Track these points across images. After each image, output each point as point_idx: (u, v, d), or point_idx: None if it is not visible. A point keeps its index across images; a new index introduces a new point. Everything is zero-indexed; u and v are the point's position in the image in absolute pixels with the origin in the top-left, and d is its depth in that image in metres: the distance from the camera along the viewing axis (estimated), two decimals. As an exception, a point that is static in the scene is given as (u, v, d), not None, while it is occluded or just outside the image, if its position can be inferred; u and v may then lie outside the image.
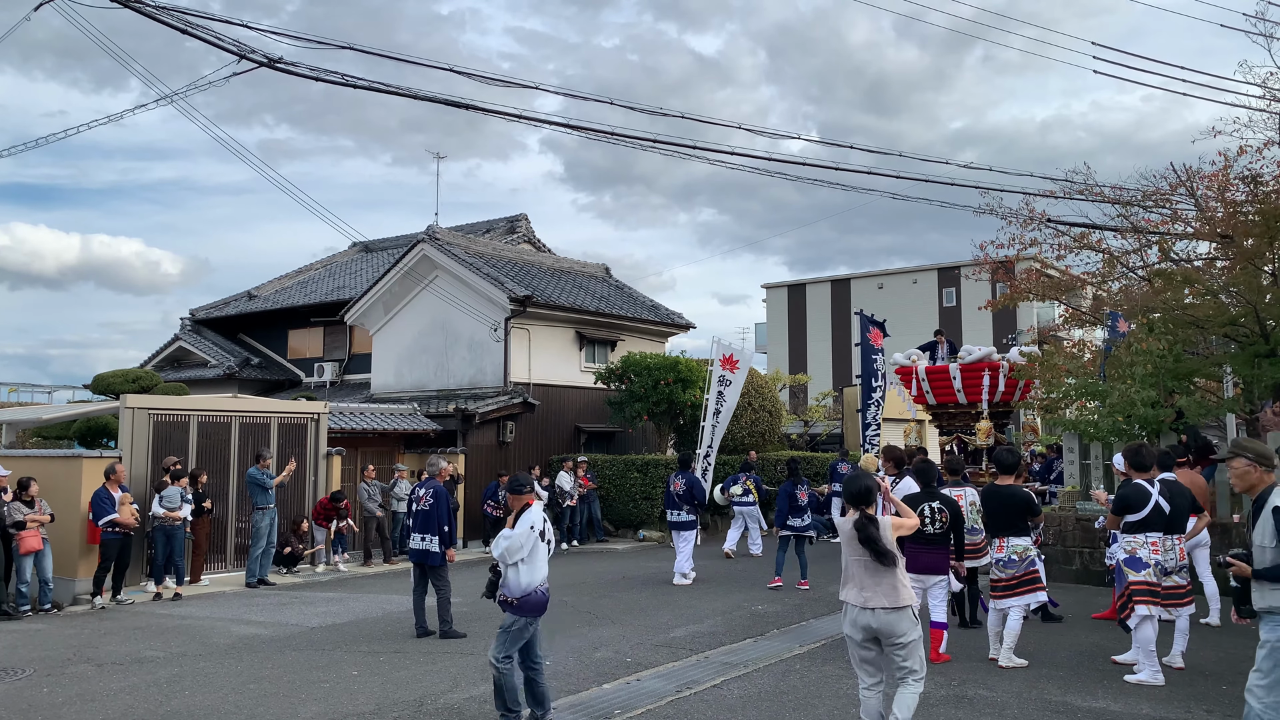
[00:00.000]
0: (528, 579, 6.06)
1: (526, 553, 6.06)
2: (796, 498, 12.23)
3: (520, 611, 6.06)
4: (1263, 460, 4.97)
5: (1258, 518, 4.88)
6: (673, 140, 11.93)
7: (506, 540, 6.07)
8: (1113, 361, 13.06)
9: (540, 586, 6.10)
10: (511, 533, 6.08)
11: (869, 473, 5.64)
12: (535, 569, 6.09)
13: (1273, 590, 4.76)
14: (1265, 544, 4.80)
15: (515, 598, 6.06)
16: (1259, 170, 13.48)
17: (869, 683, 5.29)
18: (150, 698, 7.08)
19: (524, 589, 6.05)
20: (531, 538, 6.10)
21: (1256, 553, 4.86)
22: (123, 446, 13.06)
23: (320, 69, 9.98)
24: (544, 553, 6.18)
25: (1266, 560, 4.79)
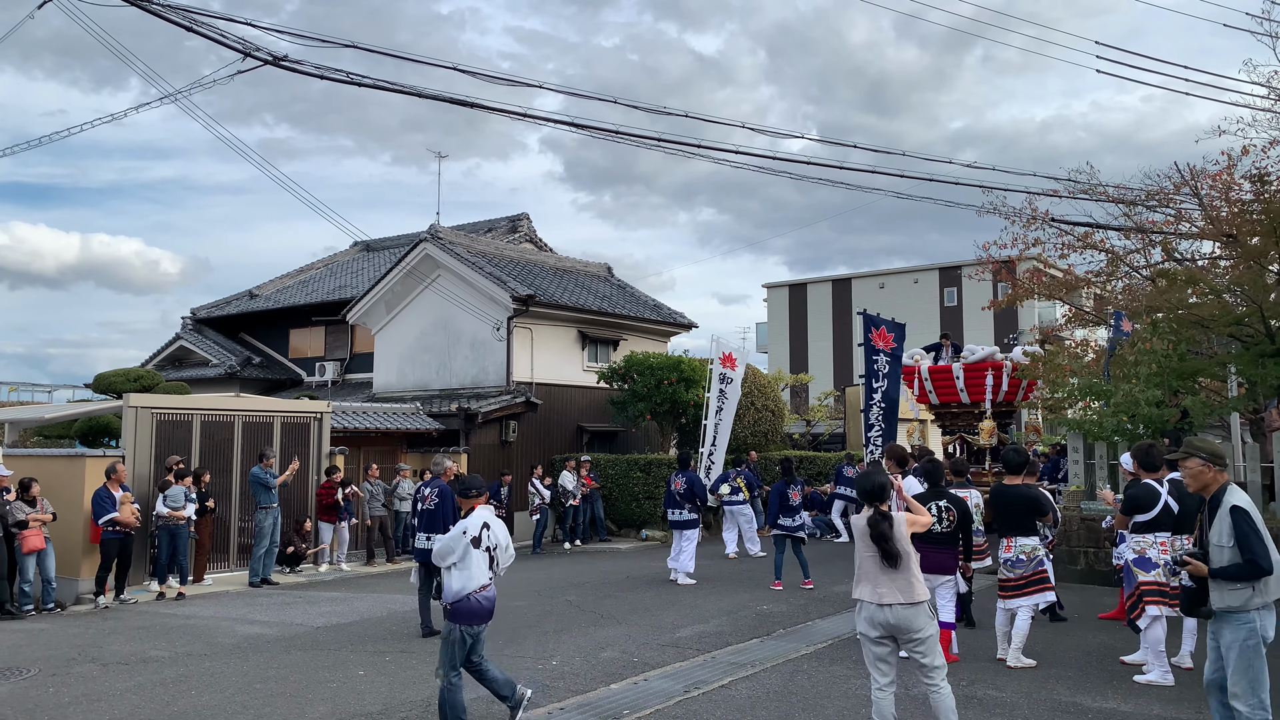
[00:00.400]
0: (459, 584, 5.83)
1: (457, 557, 5.83)
2: (789, 497, 12.07)
3: (455, 619, 5.84)
4: (1216, 460, 4.98)
5: (1214, 517, 4.88)
6: (677, 139, 11.91)
7: (437, 544, 5.93)
8: (1117, 361, 13.04)
9: (475, 593, 5.84)
10: (443, 536, 5.93)
11: (883, 470, 5.61)
12: (468, 575, 5.85)
13: (1231, 590, 4.75)
14: (1223, 543, 4.78)
15: (448, 603, 5.86)
16: (1265, 169, 13.45)
17: (882, 683, 5.28)
18: (157, 698, 7.05)
19: (455, 594, 5.83)
20: (462, 542, 5.86)
21: (1214, 552, 4.83)
22: (126, 445, 13.03)
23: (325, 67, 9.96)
24: (479, 559, 5.90)
25: (1224, 559, 4.76)
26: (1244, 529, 4.73)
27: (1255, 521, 4.75)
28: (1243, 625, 4.75)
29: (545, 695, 6.97)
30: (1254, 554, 4.68)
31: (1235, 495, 4.88)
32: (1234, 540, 4.73)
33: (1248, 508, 4.79)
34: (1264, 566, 4.68)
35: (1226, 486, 4.94)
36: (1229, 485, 4.95)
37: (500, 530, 6.14)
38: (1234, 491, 4.91)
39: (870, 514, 5.29)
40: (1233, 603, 4.76)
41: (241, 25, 9.79)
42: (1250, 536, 4.72)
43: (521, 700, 6.26)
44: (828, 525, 18.28)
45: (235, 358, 24.77)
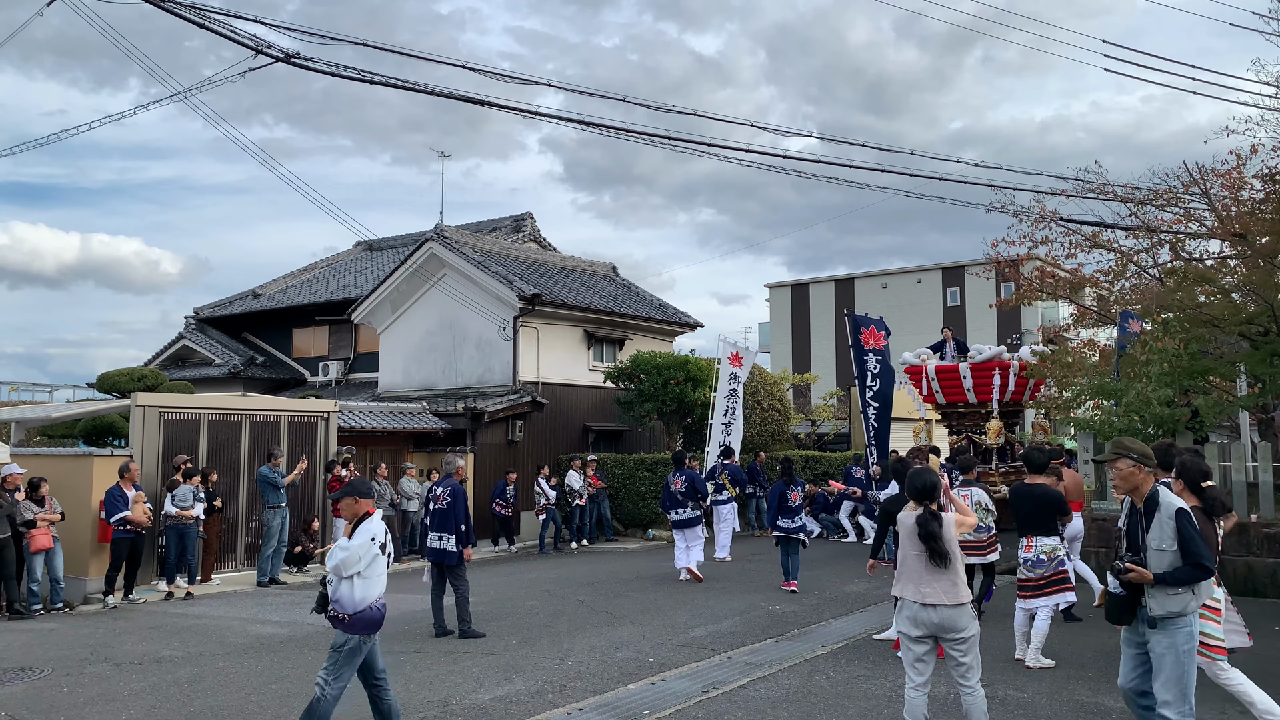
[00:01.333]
0: (363, 594, 5.58)
1: (364, 566, 5.60)
2: (788, 498, 11.81)
3: (353, 629, 5.60)
4: (1145, 461, 4.86)
5: (1150, 520, 4.77)
6: (683, 137, 11.87)
7: (344, 552, 5.61)
8: (1127, 360, 13.01)
9: (376, 602, 5.67)
10: (349, 543, 5.62)
11: (933, 469, 5.58)
12: (372, 584, 5.64)
13: (1174, 595, 4.65)
14: (1164, 546, 4.68)
15: (348, 614, 5.58)
16: (1276, 168, 13.42)
17: (918, 681, 5.24)
18: (173, 698, 7.01)
19: (358, 605, 5.58)
20: (371, 550, 5.65)
21: (1154, 556, 4.71)
22: (133, 445, 12.99)
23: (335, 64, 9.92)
24: (383, 566, 5.73)
25: (1165, 563, 4.66)
26: (1189, 531, 4.65)
27: (1195, 522, 4.70)
28: (1181, 630, 4.66)
29: (563, 695, 6.94)
30: (1199, 556, 4.61)
31: (1172, 497, 4.80)
32: (1176, 543, 4.63)
33: (1187, 508, 4.74)
34: (1210, 568, 4.64)
35: (1158, 488, 4.84)
36: (1160, 487, 4.85)
37: (389, 536, 5.90)
38: (1167, 493, 4.83)
39: (920, 513, 5.25)
40: (1174, 608, 4.65)
41: (250, 22, 9.76)
42: (1195, 539, 4.65)
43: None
44: (836, 525, 18.24)
45: (239, 357, 24.72)
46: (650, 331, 22.88)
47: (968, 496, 9.09)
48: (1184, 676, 4.66)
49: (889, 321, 18.91)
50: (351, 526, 5.77)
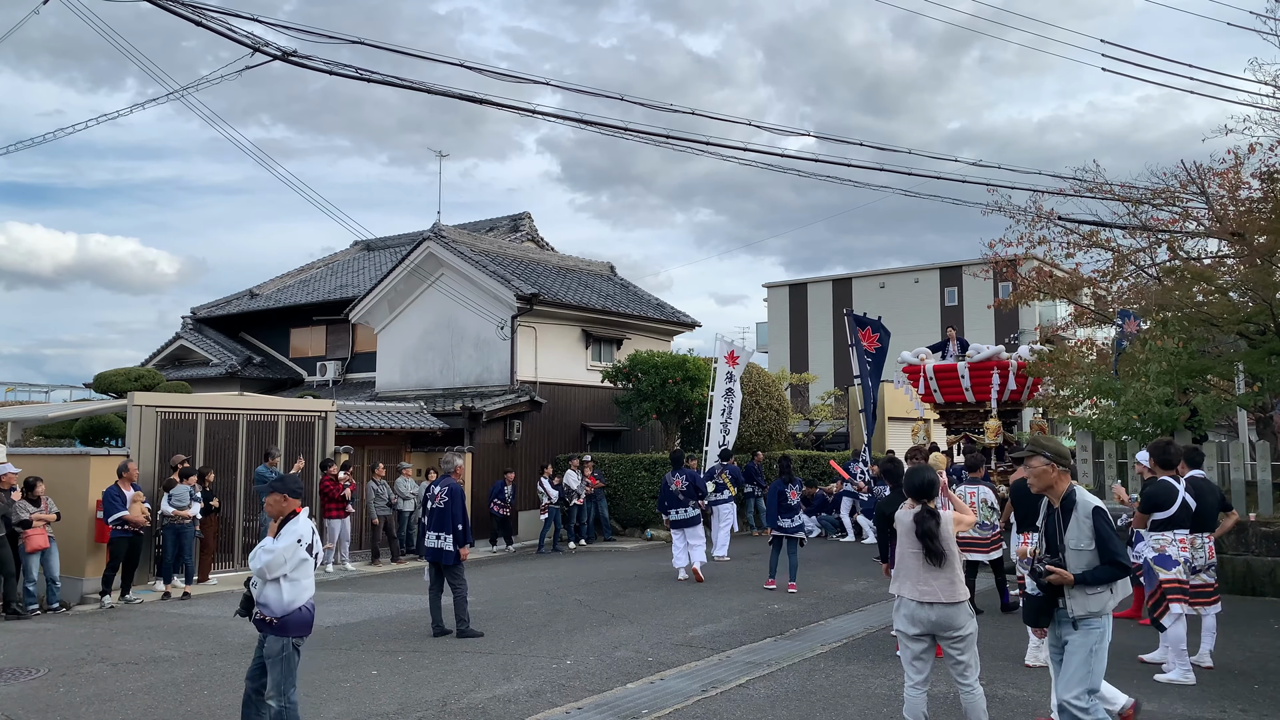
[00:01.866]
0: (290, 596, 5.40)
1: (290, 568, 5.43)
2: (787, 497, 11.80)
3: (284, 632, 5.44)
4: (1060, 460, 4.82)
5: (1067, 520, 4.73)
6: (683, 136, 11.86)
7: (269, 554, 5.42)
8: (1126, 359, 13.01)
9: (305, 604, 5.48)
10: (274, 544, 5.44)
11: (931, 467, 5.56)
12: (300, 585, 5.46)
13: (1093, 595, 4.62)
14: (1082, 546, 4.64)
15: (276, 617, 5.41)
16: (1274, 167, 13.43)
17: (916, 680, 5.22)
18: (170, 697, 6.99)
19: (286, 607, 5.41)
20: (298, 552, 5.47)
21: (1072, 556, 4.67)
22: (130, 444, 12.95)
23: (333, 63, 9.91)
24: (311, 568, 5.55)
25: (1084, 563, 4.62)
26: (1106, 530, 4.62)
27: (1113, 521, 4.68)
28: (1095, 629, 4.65)
29: (561, 694, 6.92)
30: (1116, 555, 4.59)
31: (1088, 496, 4.77)
32: (1094, 543, 4.60)
33: (1105, 508, 4.70)
34: (1128, 566, 4.64)
35: (1074, 488, 4.81)
36: (1076, 486, 4.82)
37: (317, 539, 5.71)
38: (1084, 492, 4.79)
39: (918, 510, 5.24)
40: (1093, 608, 4.63)
41: (248, 21, 9.74)
42: (1113, 538, 4.62)
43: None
44: (836, 524, 18.23)
45: (236, 357, 24.68)
46: (648, 331, 22.86)
47: (974, 494, 9.11)
48: (1091, 673, 4.64)
49: (887, 322, 18.92)
50: (277, 526, 5.56)
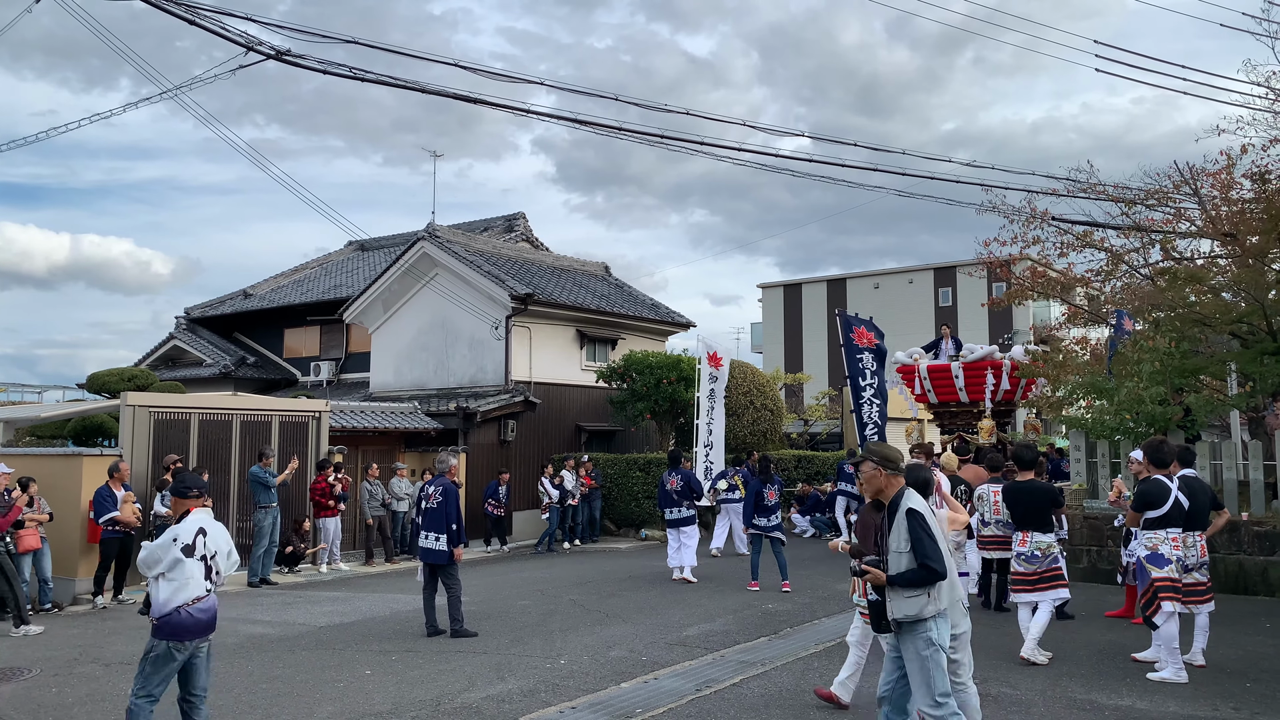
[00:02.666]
0: (167, 596, 5.20)
1: (165, 567, 5.22)
2: (764, 496, 11.77)
3: (159, 634, 5.23)
4: (888, 464, 4.88)
5: (892, 523, 4.77)
6: (678, 136, 11.87)
7: (144, 551, 5.30)
8: (1119, 359, 13.05)
9: (188, 606, 5.21)
10: (150, 542, 5.41)
11: (926, 465, 5.57)
12: (179, 586, 5.22)
13: (909, 598, 4.64)
14: (901, 549, 4.67)
15: (155, 617, 5.24)
16: (1265, 167, 13.48)
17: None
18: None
19: (162, 608, 5.21)
20: (172, 551, 5.24)
21: (893, 559, 4.71)
22: (123, 445, 12.91)
23: (328, 62, 9.89)
24: (193, 569, 5.27)
25: (902, 565, 4.65)
26: (917, 533, 4.64)
27: (929, 525, 4.68)
28: (921, 635, 4.67)
29: (555, 694, 6.91)
30: (927, 558, 4.59)
31: (910, 499, 4.79)
32: (910, 546, 4.63)
33: (922, 511, 4.72)
34: (938, 570, 4.60)
35: (903, 491, 4.85)
36: (905, 490, 4.86)
37: (219, 536, 5.48)
38: (910, 496, 4.83)
39: None
40: (909, 611, 4.65)
41: (242, 20, 9.73)
42: (924, 541, 4.62)
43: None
44: (829, 524, 18.23)
45: (230, 357, 24.62)
46: (643, 331, 22.86)
47: (998, 493, 9.12)
48: (929, 681, 4.65)
49: (881, 322, 18.92)
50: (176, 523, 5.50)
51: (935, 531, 4.65)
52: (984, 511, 9.56)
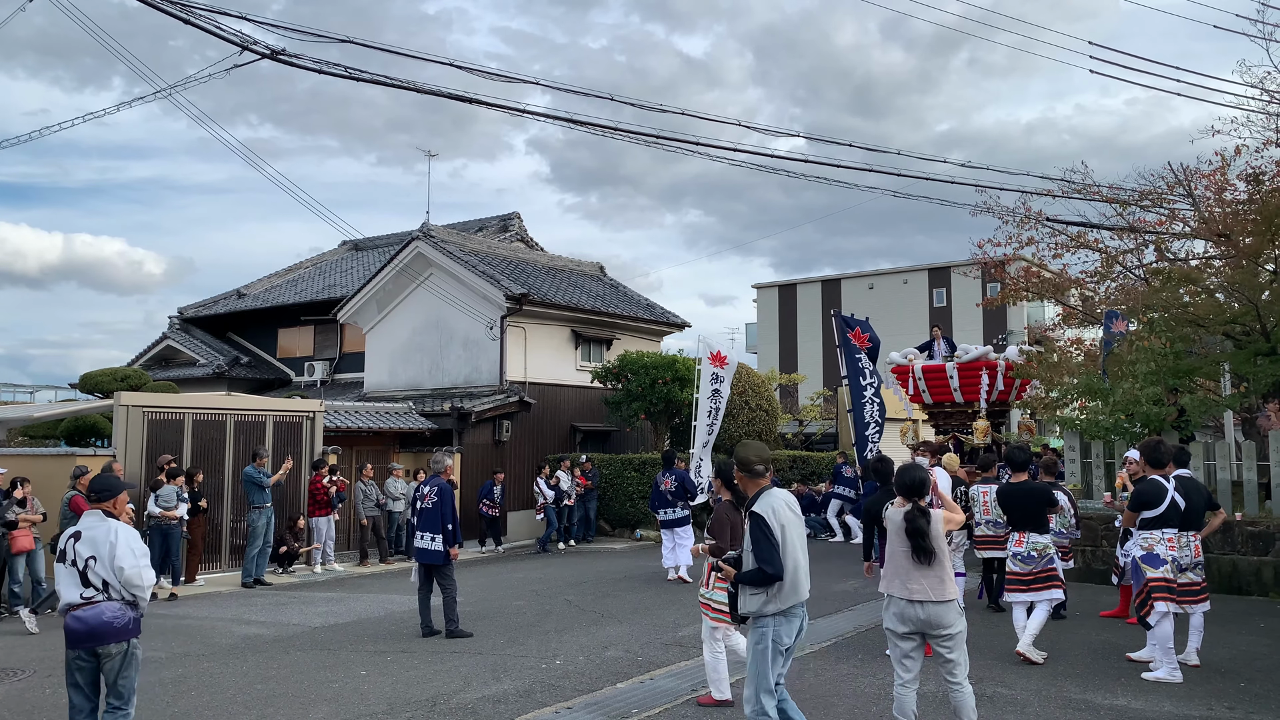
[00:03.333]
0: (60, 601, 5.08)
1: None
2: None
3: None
4: (744, 468, 4.98)
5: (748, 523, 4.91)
6: (673, 136, 11.88)
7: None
8: (1114, 359, 13.08)
9: (70, 613, 4.98)
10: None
11: (922, 465, 5.57)
12: (62, 592, 5.05)
13: (751, 596, 4.78)
14: (748, 549, 4.80)
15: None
16: (1259, 168, 13.52)
17: (906, 678, 5.23)
18: (157, 698, 6.93)
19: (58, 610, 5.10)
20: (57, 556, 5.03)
21: (746, 557, 4.83)
22: (116, 445, 12.87)
23: (322, 61, 9.87)
24: (65, 575, 5.06)
25: (749, 563, 4.77)
26: (757, 535, 4.72)
27: (769, 528, 4.72)
28: (757, 630, 4.79)
29: (551, 694, 6.91)
30: (762, 560, 4.67)
31: (760, 502, 4.83)
32: (754, 545, 4.74)
33: (764, 514, 4.75)
34: (769, 573, 4.67)
35: (760, 493, 4.91)
36: (762, 492, 4.92)
37: (99, 540, 5.06)
38: (762, 498, 4.86)
39: (908, 509, 5.24)
40: (751, 608, 4.80)
41: (236, 19, 9.70)
42: (761, 543, 4.69)
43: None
44: (824, 525, 18.25)
45: (223, 357, 24.55)
46: (638, 331, 22.85)
47: (986, 494, 9.14)
48: (757, 674, 4.78)
49: (875, 322, 18.96)
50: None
51: (776, 535, 4.70)
52: (975, 511, 9.60)
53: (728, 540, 6.35)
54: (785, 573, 4.70)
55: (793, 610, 4.81)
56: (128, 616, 5.11)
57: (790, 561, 4.73)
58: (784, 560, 4.69)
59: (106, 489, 5.36)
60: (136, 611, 5.17)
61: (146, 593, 5.16)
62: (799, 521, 4.92)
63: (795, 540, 4.79)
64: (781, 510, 4.81)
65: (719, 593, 6.33)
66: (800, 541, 4.89)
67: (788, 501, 4.92)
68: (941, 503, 5.76)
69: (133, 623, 5.13)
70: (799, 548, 4.81)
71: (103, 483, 5.43)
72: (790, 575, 4.73)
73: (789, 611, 4.79)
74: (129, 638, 5.11)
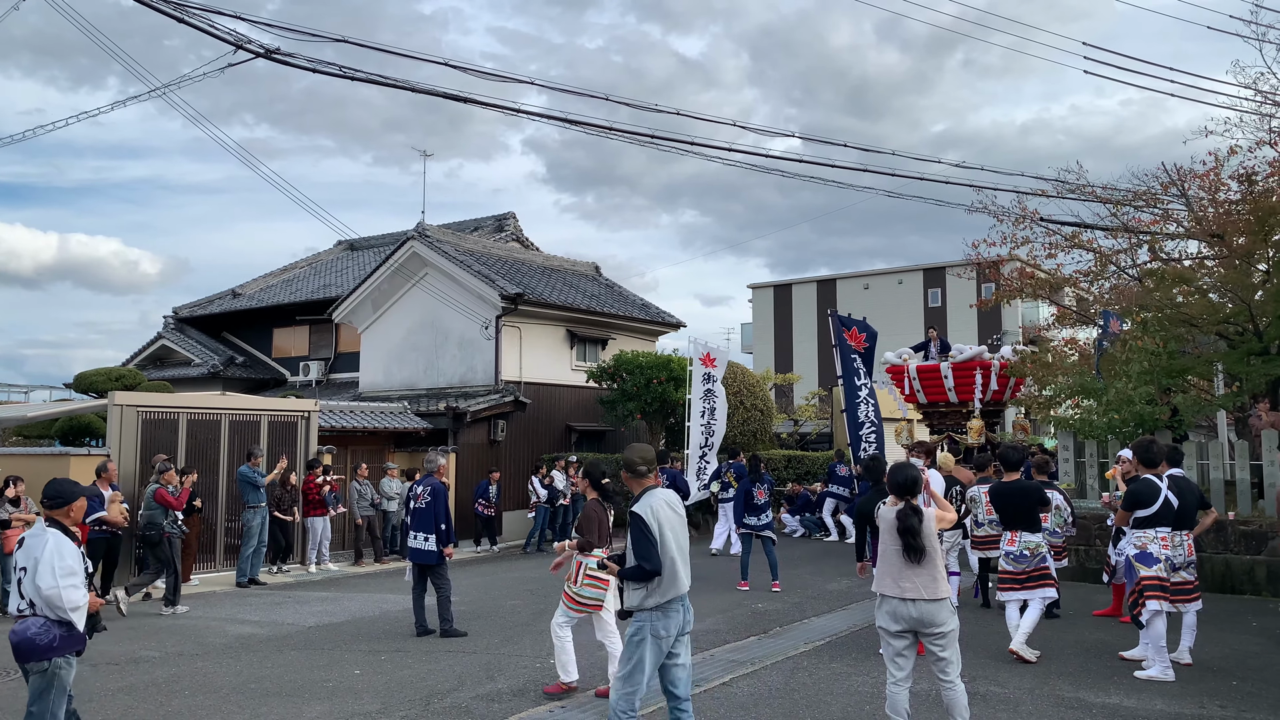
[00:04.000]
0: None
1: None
2: (754, 496, 11.75)
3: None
4: (629, 469, 5.17)
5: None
6: (669, 136, 11.88)
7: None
8: (1107, 359, 13.11)
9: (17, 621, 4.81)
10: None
11: (914, 464, 5.59)
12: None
13: (633, 590, 4.98)
14: (629, 545, 4.98)
15: None
16: (1252, 169, 13.56)
17: (899, 676, 5.24)
18: (150, 698, 6.93)
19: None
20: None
21: (627, 555, 5.04)
22: (111, 444, 12.85)
23: (317, 61, 9.86)
24: (11, 586, 4.92)
25: (630, 561, 4.96)
26: (635, 534, 4.90)
27: (648, 526, 4.89)
28: (636, 623, 4.97)
29: (545, 693, 6.91)
30: (640, 557, 4.87)
31: (640, 503, 5.00)
32: (632, 544, 4.93)
33: (643, 514, 4.92)
34: (647, 569, 4.85)
35: (643, 493, 5.09)
36: (645, 492, 5.09)
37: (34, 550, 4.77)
38: (646, 498, 5.03)
39: (901, 507, 5.25)
40: (632, 603, 4.99)
41: (231, 19, 9.69)
42: (640, 541, 4.87)
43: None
44: (818, 524, 18.27)
45: (218, 357, 24.52)
46: (633, 331, 22.85)
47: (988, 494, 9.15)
48: (628, 662, 4.94)
49: (871, 323, 18.98)
50: None
51: (654, 533, 4.86)
52: (977, 512, 9.61)
53: (595, 535, 6.86)
54: (664, 569, 4.86)
55: (671, 604, 4.96)
56: (52, 634, 4.75)
57: (668, 558, 4.89)
58: (661, 557, 4.85)
59: (58, 496, 4.95)
60: (66, 630, 4.78)
61: (74, 614, 4.77)
62: (679, 520, 5.08)
63: (673, 538, 4.95)
64: (660, 509, 4.97)
65: (587, 588, 6.92)
66: (679, 539, 5.04)
67: (668, 501, 5.08)
68: (935, 502, 5.77)
69: (59, 641, 4.76)
70: (676, 545, 4.97)
71: (55, 489, 4.99)
72: (668, 570, 4.89)
73: (666, 606, 4.94)
74: (50, 657, 4.75)
